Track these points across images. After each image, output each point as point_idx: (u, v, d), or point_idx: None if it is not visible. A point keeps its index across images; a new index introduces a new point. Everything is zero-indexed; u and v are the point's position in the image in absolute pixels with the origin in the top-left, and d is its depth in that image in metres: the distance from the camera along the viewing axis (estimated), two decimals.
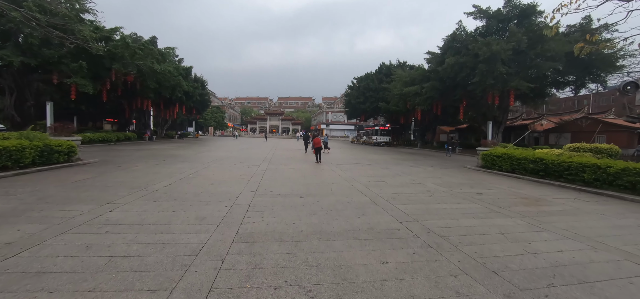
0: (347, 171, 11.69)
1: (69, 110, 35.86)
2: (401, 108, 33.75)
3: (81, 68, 19.03)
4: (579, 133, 29.27)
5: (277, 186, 8.05)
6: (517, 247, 4.23)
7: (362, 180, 9.75)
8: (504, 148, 13.96)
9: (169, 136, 43.34)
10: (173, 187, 7.44)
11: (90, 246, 3.69)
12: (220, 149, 22.73)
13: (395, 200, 6.88)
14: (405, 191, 8.01)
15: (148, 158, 13.96)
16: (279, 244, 3.99)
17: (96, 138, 23.05)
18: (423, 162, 17.08)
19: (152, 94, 26.39)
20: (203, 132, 75.64)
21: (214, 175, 9.61)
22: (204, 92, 44.09)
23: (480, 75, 19.96)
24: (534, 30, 20.73)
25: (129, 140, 28.09)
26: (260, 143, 35.43)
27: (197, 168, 11.08)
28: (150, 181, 8.06)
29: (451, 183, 9.67)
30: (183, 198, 6.30)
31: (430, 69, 26.16)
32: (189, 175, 9.39)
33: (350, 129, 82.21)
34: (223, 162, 13.58)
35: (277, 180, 9.20)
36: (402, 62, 45.38)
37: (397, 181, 9.79)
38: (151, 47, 23.97)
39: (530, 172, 11.48)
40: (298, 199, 6.64)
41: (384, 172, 11.91)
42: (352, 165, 14.11)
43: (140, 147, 21.57)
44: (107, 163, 11.90)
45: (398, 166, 14.46)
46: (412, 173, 11.85)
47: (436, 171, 12.85)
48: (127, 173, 9.48)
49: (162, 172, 9.81)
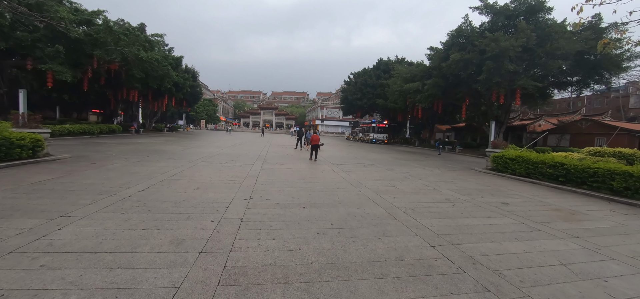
0: (350, 173, 10.61)
1: (51, 100, 33.89)
2: (400, 105, 32.83)
3: (58, 54, 17.37)
4: (579, 135, 28.85)
5: (274, 192, 6.91)
6: (595, 289, 3.21)
7: (369, 184, 8.67)
8: (515, 150, 13.07)
9: (157, 129, 41.54)
10: (150, 193, 6.22)
11: (3, 297, 2.50)
12: (210, 144, 21.38)
13: (415, 213, 5.82)
14: (422, 201, 6.97)
15: (129, 154, 12.61)
16: (284, 288, 2.87)
17: (76, 131, 21.40)
18: (427, 163, 16.14)
19: (138, 84, 24.69)
20: (194, 125, 73.60)
21: (201, 177, 8.40)
22: (195, 83, 42.32)
23: (487, 73, 19.05)
24: (543, 27, 19.93)
25: (113, 133, 26.44)
26: (254, 139, 34.07)
27: (182, 167, 9.83)
28: (124, 184, 6.81)
29: (469, 190, 8.69)
30: (159, 209, 5.11)
31: (432, 65, 25.18)
32: (172, 176, 8.15)
33: (345, 125, 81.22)
34: (213, 160, 12.33)
35: (273, 183, 8.05)
36: (400, 57, 44.43)
37: (408, 186, 8.75)
38: (137, 33, 22.31)
39: (548, 177, 10.61)
40: (301, 210, 5.52)
41: (391, 175, 10.87)
42: (354, 165, 13.04)
43: (124, 141, 20.06)
44: (80, 159, 10.53)
45: (403, 167, 13.45)
46: (421, 176, 10.84)
47: (445, 174, 11.88)
48: (99, 172, 8.19)
49: (141, 172, 8.54)
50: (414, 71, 28.72)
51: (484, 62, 19.53)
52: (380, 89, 40.63)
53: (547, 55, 19.27)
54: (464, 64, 20.69)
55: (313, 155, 14.32)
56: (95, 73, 21.84)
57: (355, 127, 73.54)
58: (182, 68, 37.92)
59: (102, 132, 24.61)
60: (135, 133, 30.36)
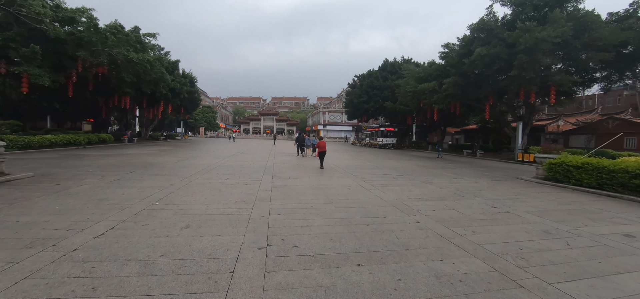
0: (384, 190, 8.39)
1: (40, 109, 31.77)
2: (412, 107, 30.70)
3: (34, 55, 15.23)
4: (604, 135, 26.68)
5: (301, 230, 4.70)
6: None
7: (420, 207, 6.46)
8: (576, 156, 10.88)
9: (153, 137, 39.37)
10: (110, 241, 4.01)
11: None
12: (209, 154, 19.18)
13: (532, 265, 3.61)
14: (517, 236, 4.76)
15: (110, 170, 10.41)
16: None
17: (60, 141, 19.20)
18: (460, 171, 13.92)
19: (129, 89, 22.54)
20: (193, 133, 71.49)
21: (194, 203, 6.19)
22: (193, 89, 40.25)
23: (519, 68, 16.94)
24: (577, 18, 17.87)
25: (103, 143, 24.24)
26: (256, 146, 31.87)
27: (171, 188, 7.63)
28: (78, 223, 4.61)
29: (551, 212, 6.48)
30: (112, 287, 2.89)
31: (449, 63, 23.13)
32: (154, 204, 5.95)
33: (347, 130, 79.17)
34: (211, 175, 10.13)
35: (294, 210, 5.84)
36: (407, 58, 42.51)
37: (471, 208, 6.54)
38: (126, 32, 20.22)
39: (631, 190, 8.41)
40: (356, 273, 3.30)
41: (435, 191, 8.66)
42: (381, 177, 10.83)
43: (112, 152, 17.87)
44: (42, 179, 8.33)
45: (439, 178, 11.24)
46: (473, 192, 8.62)
47: (496, 187, 9.66)
48: (54, 200, 5.98)
49: (112, 198, 6.34)
50: (428, 71, 26.66)
51: (514, 56, 17.44)
52: (388, 91, 38.61)
53: (585, 48, 17.21)
54: (490, 60, 18.59)
55: (321, 161, 13.24)
56: (81, 77, 19.74)
57: (358, 131, 71.48)
58: (178, 73, 35.90)
59: (90, 142, 22.41)
60: (129, 142, 28.17)
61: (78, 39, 16.98)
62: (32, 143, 17.30)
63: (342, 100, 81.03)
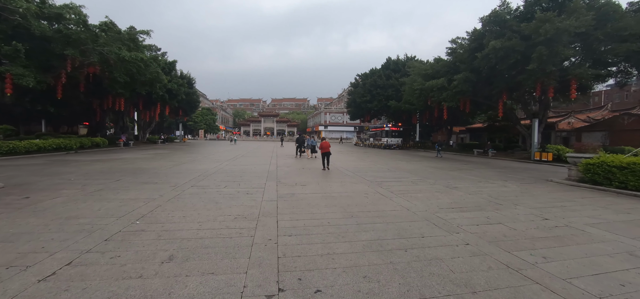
0: (407, 197, 7.25)
1: (35, 113, 30.64)
2: (418, 105, 29.54)
3: (17, 54, 14.13)
4: (620, 132, 25.52)
5: (319, 260, 3.56)
6: None
7: (459, 220, 5.32)
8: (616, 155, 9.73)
9: (151, 141, 38.24)
10: (60, 285, 2.87)
11: None
12: (207, 158, 18.06)
13: None
14: (608, 267, 3.61)
15: (94, 178, 9.29)
16: None
17: (49, 146, 18.07)
18: (480, 173, 12.76)
19: (122, 90, 21.38)
20: (193, 135, 70.40)
21: (183, 221, 5.06)
22: (191, 90, 39.10)
23: (537, 61, 15.80)
24: (597, 7, 16.75)
25: (97, 147, 23.12)
26: (257, 148, 30.74)
27: (160, 200, 6.49)
28: (27, 254, 3.48)
29: (633, 230, 5.34)
30: None
31: (459, 59, 22.02)
32: (134, 223, 4.81)
33: (349, 130, 78.08)
34: (208, 183, 9.00)
35: (308, 230, 4.70)
36: (411, 56, 41.43)
37: (526, 224, 5.38)
38: (118, 30, 19.10)
39: None
40: None
41: (468, 199, 7.51)
42: (397, 181, 9.69)
43: (103, 157, 16.75)
44: (14, 189, 7.20)
45: (462, 181, 10.10)
46: (509, 199, 7.47)
47: (536, 193, 8.51)
48: (14, 219, 4.85)
49: (85, 214, 5.21)
50: (435, 67, 25.53)
51: (531, 49, 16.33)
52: (392, 90, 37.51)
53: (608, 38, 16.08)
54: (505, 53, 17.45)
55: (325, 163, 12.80)
56: (71, 78, 18.62)
57: (360, 131, 70.33)
58: (176, 73, 34.80)
59: (83, 146, 21.28)
60: (124, 146, 27.06)
61: (66, 36, 15.89)
62: (18, 148, 16.21)
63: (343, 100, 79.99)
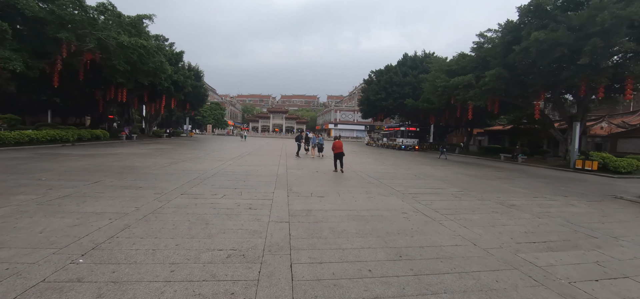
0: (459, 221, 5.41)
1: (41, 104, 29.82)
2: (438, 104, 27.42)
3: (3, 35, 12.79)
4: None
5: None
6: None
7: (558, 268, 3.47)
8: None
9: (157, 134, 37.17)
10: None
11: None
12: (209, 155, 16.51)
13: None
14: None
15: (69, 179, 7.75)
16: None
17: (42, 138, 16.81)
18: (529, 185, 10.76)
19: (123, 79, 19.99)
20: (201, 130, 69.58)
21: (148, 261, 3.36)
22: (199, 83, 37.81)
23: (590, 54, 13.61)
24: None
25: (96, 140, 21.89)
26: (265, 145, 29.15)
27: (132, 216, 4.84)
28: None
29: None
30: None
31: (491, 53, 19.87)
32: (73, 264, 3.14)
33: (359, 129, 75.96)
34: (202, 189, 7.33)
35: (343, 291, 2.95)
36: (429, 52, 39.16)
37: None
38: (118, 13, 17.66)
39: None
40: None
41: (548, 227, 5.63)
42: (431, 194, 7.85)
43: (98, 152, 15.38)
44: None
45: (517, 197, 8.17)
46: (600, 228, 5.56)
47: (624, 218, 6.56)
48: None
49: (13, 242, 3.58)
50: (461, 62, 23.39)
51: (581, 41, 14.14)
52: (409, 87, 35.43)
53: None
54: (549, 46, 15.24)
55: (337, 164, 11.79)
56: (68, 65, 17.32)
57: (371, 130, 68.06)
58: (183, 65, 33.50)
59: (81, 138, 20.05)
60: (126, 139, 25.87)
61: (59, 17, 14.50)
62: (7, 139, 14.98)
63: (354, 98, 77.89)
